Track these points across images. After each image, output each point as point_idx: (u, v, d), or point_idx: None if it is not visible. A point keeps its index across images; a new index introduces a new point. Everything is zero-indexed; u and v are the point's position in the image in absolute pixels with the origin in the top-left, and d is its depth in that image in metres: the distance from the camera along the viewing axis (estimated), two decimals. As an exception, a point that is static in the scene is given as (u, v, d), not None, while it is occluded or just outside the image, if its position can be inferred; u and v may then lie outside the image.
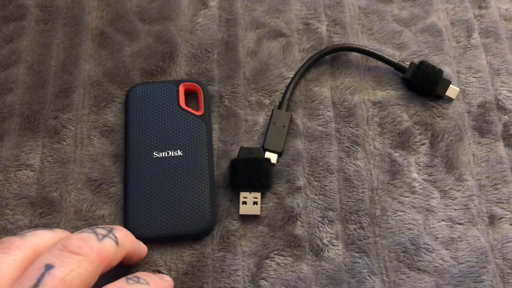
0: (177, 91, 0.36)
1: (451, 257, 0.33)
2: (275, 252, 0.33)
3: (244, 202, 0.34)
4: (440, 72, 0.37)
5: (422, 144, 0.36)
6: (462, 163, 0.36)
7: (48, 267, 0.22)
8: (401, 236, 0.34)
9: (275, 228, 0.34)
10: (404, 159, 0.36)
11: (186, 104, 0.37)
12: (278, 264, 0.33)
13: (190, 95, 0.38)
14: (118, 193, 0.35)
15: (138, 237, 0.32)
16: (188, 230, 0.33)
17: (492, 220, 0.34)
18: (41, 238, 0.25)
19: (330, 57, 0.39)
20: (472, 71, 0.39)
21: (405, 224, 0.34)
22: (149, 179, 0.34)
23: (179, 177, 0.34)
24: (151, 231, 0.33)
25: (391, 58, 0.38)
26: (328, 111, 0.37)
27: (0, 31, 0.39)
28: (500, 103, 0.38)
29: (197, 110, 0.36)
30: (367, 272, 0.33)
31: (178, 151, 0.35)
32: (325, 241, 0.33)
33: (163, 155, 0.34)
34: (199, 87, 0.37)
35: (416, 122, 0.37)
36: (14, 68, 0.38)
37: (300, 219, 0.34)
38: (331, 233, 0.34)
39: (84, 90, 0.38)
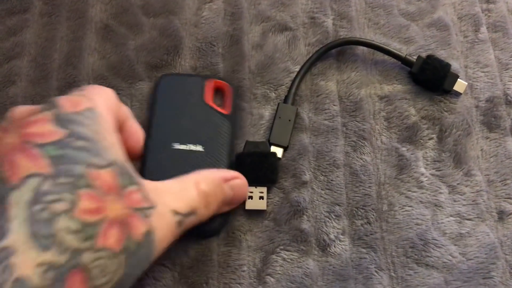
0: (203, 86, 0.35)
1: (459, 253, 0.32)
2: (281, 247, 0.33)
3: (250, 197, 0.33)
4: (447, 66, 0.37)
5: (429, 139, 0.36)
6: (470, 158, 0.35)
7: None
8: (408, 231, 0.33)
9: (280, 223, 0.33)
10: (412, 154, 0.35)
11: (217, 103, 0.36)
12: (284, 259, 0.32)
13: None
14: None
15: None
16: (200, 227, 0.30)
17: (501, 215, 0.34)
18: None
19: (336, 51, 0.39)
20: (480, 66, 0.39)
21: (413, 219, 0.33)
22: (166, 169, 0.32)
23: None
24: None
25: (398, 52, 0.37)
26: (334, 105, 0.37)
27: (4, 24, 0.39)
28: (509, 97, 0.37)
29: (225, 108, 0.35)
30: (374, 267, 0.32)
31: (199, 146, 0.33)
32: (331, 236, 0.33)
33: (183, 148, 0.33)
34: (227, 85, 0.36)
35: (423, 117, 0.37)
36: (18, 61, 0.38)
37: (306, 213, 0.33)
38: (337, 228, 0.33)
39: (88, 83, 0.37)
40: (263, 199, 0.33)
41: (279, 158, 0.35)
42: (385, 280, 0.32)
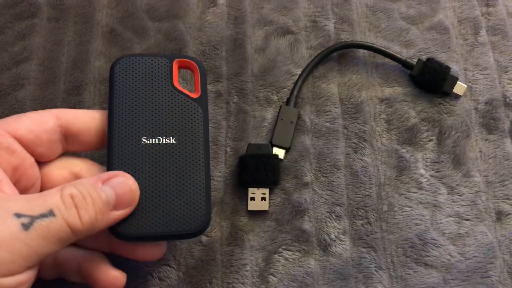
0: (171, 68, 0.31)
1: (458, 253, 0.33)
2: (284, 247, 0.33)
3: (253, 198, 0.34)
4: (447, 68, 0.37)
5: (429, 141, 0.37)
6: (469, 159, 0.36)
7: None
8: (408, 231, 0.34)
9: (282, 223, 0.34)
10: (411, 155, 0.36)
11: (182, 85, 0.32)
12: (286, 259, 0.33)
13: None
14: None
15: (122, 236, 0.27)
16: (180, 230, 0.28)
17: (500, 216, 0.34)
18: None
19: (337, 54, 0.40)
20: (480, 69, 0.39)
21: (412, 219, 0.34)
22: (137, 169, 0.28)
23: (171, 168, 0.29)
24: (137, 229, 0.27)
25: (398, 55, 0.38)
26: (335, 107, 0.38)
27: (13, 29, 0.40)
28: (508, 100, 0.38)
29: (192, 91, 0.31)
30: (374, 267, 0.33)
31: (171, 138, 0.29)
32: (332, 236, 0.34)
33: (154, 142, 0.29)
34: (195, 64, 0.31)
35: (423, 119, 0.37)
36: (26, 64, 0.39)
37: (308, 214, 0.34)
38: (338, 228, 0.34)
39: (95, 87, 0.38)
40: (265, 200, 0.34)
41: (281, 160, 0.36)
42: (385, 279, 0.32)
